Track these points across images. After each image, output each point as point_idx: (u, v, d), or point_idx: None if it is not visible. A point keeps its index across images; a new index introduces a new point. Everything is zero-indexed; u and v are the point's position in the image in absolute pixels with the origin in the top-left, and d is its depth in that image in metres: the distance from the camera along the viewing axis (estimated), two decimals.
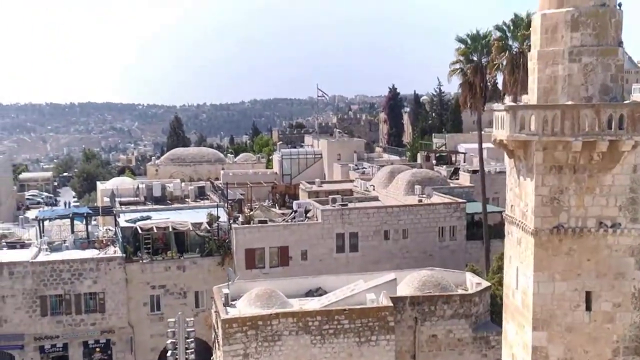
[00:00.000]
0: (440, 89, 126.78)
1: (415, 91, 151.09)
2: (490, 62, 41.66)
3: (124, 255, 43.06)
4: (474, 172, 60.87)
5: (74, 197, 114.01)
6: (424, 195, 49.53)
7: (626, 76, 37.92)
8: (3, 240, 45.58)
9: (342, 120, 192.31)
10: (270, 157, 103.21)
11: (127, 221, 46.50)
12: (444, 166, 66.70)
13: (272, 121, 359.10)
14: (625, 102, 17.72)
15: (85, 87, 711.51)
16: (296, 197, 71.70)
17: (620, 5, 18.45)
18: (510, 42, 39.07)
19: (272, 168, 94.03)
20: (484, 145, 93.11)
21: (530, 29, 19.64)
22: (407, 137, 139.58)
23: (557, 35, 18.27)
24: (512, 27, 38.71)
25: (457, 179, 60.55)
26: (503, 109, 18.68)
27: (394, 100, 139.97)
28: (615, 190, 17.61)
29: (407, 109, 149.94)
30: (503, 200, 56.96)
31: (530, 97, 19.19)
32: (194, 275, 44.26)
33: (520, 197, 19.07)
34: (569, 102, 17.58)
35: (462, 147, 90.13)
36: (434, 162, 69.14)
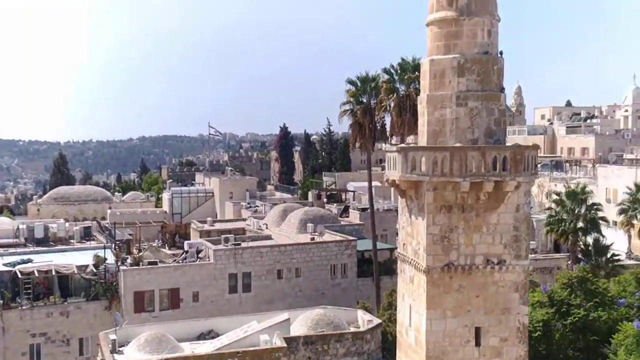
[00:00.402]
0: (329, 128, 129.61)
1: (305, 130, 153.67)
2: (379, 103, 42.95)
3: (1, 301, 40.32)
4: (364, 209, 62.11)
5: None
6: (316, 233, 49.89)
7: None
8: None
9: (234, 158, 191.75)
10: (160, 196, 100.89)
11: (5, 265, 43.72)
12: (335, 204, 67.61)
13: (162, 158, 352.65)
14: (508, 144, 18.70)
15: None
16: (187, 237, 70.15)
17: (501, 53, 19.59)
18: (397, 85, 40.51)
19: (161, 207, 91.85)
20: (373, 183, 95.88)
21: (420, 73, 20.45)
22: (298, 176, 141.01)
23: (445, 80, 19.11)
24: (399, 71, 40.22)
25: (348, 217, 61.49)
26: (395, 150, 19.22)
27: (285, 139, 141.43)
28: (500, 229, 18.44)
29: (298, 148, 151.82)
30: (392, 237, 58.87)
31: (420, 139, 19.87)
32: (79, 321, 42.06)
33: (412, 236, 19.56)
34: (457, 144, 18.33)
35: (351, 186, 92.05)
36: (325, 200, 69.87)
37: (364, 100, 44.15)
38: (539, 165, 19.90)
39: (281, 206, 60.19)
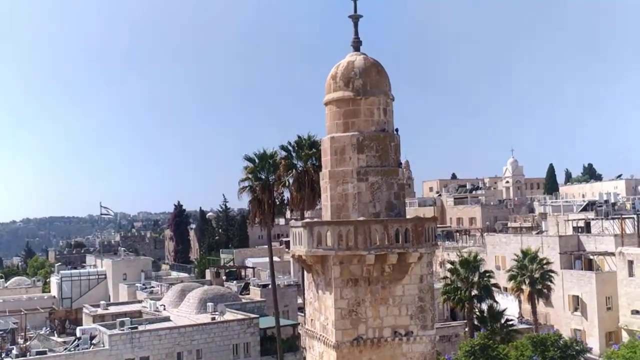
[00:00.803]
0: (225, 205, 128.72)
1: (201, 207, 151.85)
2: (277, 179, 43.40)
3: None
4: (264, 286, 61.56)
5: None
6: (216, 313, 48.83)
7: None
8: None
9: (126, 238, 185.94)
10: (48, 280, 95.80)
11: None
12: (235, 281, 66.67)
13: (48, 241, 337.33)
14: (409, 217, 19.35)
15: None
16: (79, 322, 66.75)
17: (397, 130, 20.51)
18: (295, 161, 41.17)
19: (49, 292, 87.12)
20: (267, 259, 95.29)
21: (317, 149, 20.97)
22: (194, 254, 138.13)
23: (345, 156, 19.69)
24: (296, 148, 40.97)
25: (248, 294, 60.67)
26: (300, 225, 19.40)
27: (180, 217, 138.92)
28: (405, 300, 18.80)
29: (194, 226, 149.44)
30: (293, 312, 58.45)
31: (324, 214, 20.19)
32: None
33: (320, 311, 19.57)
34: (361, 218, 18.77)
35: (249, 262, 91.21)
36: (224, 277, 68.76)
37: (262, 177, 44.45)
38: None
39: (179, 286, 58.67)
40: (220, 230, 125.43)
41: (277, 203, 44.73)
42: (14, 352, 41.37)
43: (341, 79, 20.08)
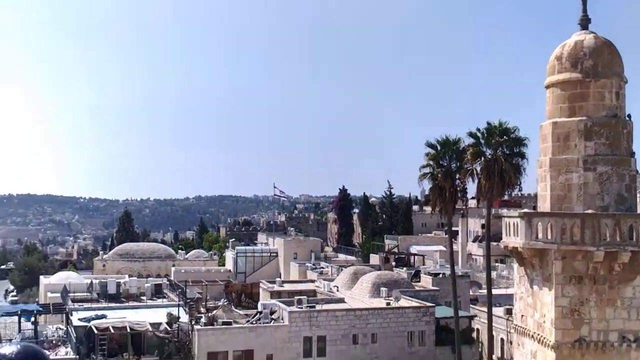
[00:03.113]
0: (390, 191, 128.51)
1: (364, 193, 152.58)
2: (462, 167, 42.08)
3: (77, 357, 40.08)
4: (436, 275, 60.50)
5: (12, 292, 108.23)
6: (390, 298, 48.53)
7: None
8: None
9: (291, 219, 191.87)
10: (223, 255, 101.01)
11: (80, 320, 43.69)
12: (404, 268, 66.07)
13: (217, 218, 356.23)
14: None
15: (26, 179, 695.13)
16: (252, 297, 69.54)
17: (630, 116, 18.70)
18: (484, 149, 39.62)
19: (224, 265, 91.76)
20: (436, 247, 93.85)
21: (540, 136, 19.64)
22: (356, 238, 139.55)
23: (570, 143, 18.27)
24: (485, 135, 39.38)
25: (419, 281, 59.85)
26: (517, 215, 18.31)
27: (344, 201, 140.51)
28: (636, 303, 17.16)
29: (357, 210, 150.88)
30: (465, 304, 56.81)
31: (541, 204, 18.91)
32: None
33: (535, 308, 18.40)
34: (589, 211, 17.33)
35: (414, 249, 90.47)
36: (393, 263, 68.47)
37: (444, 164, 43.33)
38: None
39: (351, 269, 59.12)
40: (384, 215, 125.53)
41: (459, 191, 43.37)
42: (203, 320, 43.67)
43: (567, 59, 18.62)
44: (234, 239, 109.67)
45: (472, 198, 48.44)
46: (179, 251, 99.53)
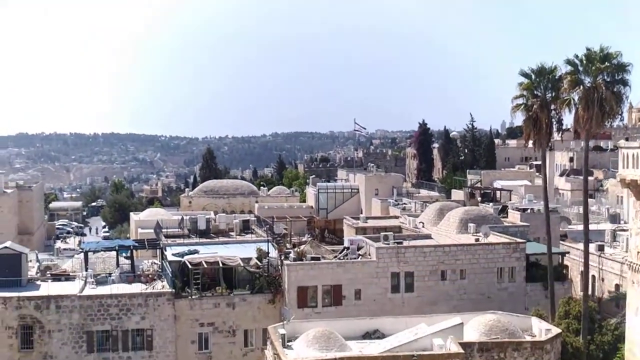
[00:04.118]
0: (472, 124, 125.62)
1: (445, 126, 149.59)
2: (558, 97, 40.13)
3: (173, 290, 41.49)
4: (524, 210, 59.07)
5: (104, 227, 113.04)
6: (478, 234, 47.78)
7: None
8: (48, 272, 44.22)
9: (368, 155, 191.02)
10: (304, 191, 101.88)
11: (174, 255, 45.06)
12: (491, 203, 64.75)
13: (293, 154, 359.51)
14: None
15: (109, 118, 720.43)
16: (335, 232, 70.09)
17: None
18: (582, 77, 37.46)
19: (304, 202, 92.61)
20: (521, 182, 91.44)
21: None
22: (436, 173, 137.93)
23: None
24: (584, 62, 37.14)
25: (506, 217, 58.60)
26: (637, 146, 17.11)
27: (424, 135, 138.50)
28: None
29: (436, 145, 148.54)
30: (555, 240, 55.19)
31: None
32: (244, 313, 42.55)
33: None
34: None
35: (497, 184, 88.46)
36: (479, 199, 67.21)
37: (539, 94, 41.39)
38: None
39: (437, 204, 58.45)
40: (465, 150, 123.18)
41: (555, 123, 41.52)
42: (292, 255, 44.24)
43: None
44: (314, 176, 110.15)
45: (567, 130, 46.39)
46: (261, 188, 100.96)
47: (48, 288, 40.89)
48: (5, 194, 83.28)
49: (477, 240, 46.39)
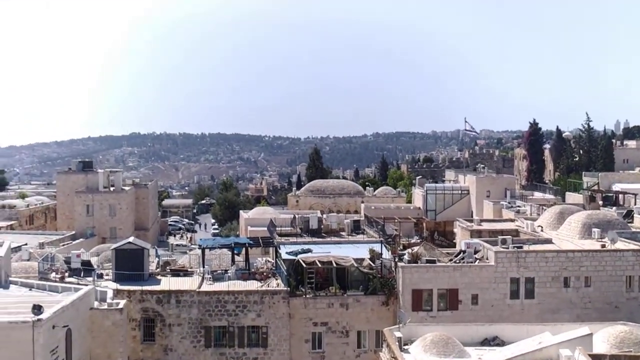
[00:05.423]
0: (588, 124, 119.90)
1: (557, 126, 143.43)
2: None
3: (288, 289, 41.67)
4: None
5: (213, 225, 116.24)
6: (604, 240, 45.18)
7: None
8: (167, 267, 45.55)
9: (474, 155, 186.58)
10: (410, 192, 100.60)
11: (287, 253, 45.28)
12: (613, 208, 61.33)
13: (394, 154, 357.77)
14: None
15: (216, 119, 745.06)
16: (445, 235, 68.57)
17: None
18: None
19: (410, 203, 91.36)
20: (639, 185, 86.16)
21: None
22: (548, 175, 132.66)
23: None
24: None
25: (631, 222, 55.25)
26: None
27: (535, 136, 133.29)
28: None
29: (548, 145, 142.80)
30: None
31: None
32: (357, 314, 42.17)
33: None
34: None
35: (617, 187, 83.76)
36: (600, 202, 63.82)
37: None
38: None
39: (556, 208, 55.84)
40: (580, 151, 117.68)
41: None
42: (406, 257, 43.40)
43: None
44: (420, 177, 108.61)
45: None
46: (367, 188, 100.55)
47: (169, 283, 42.07)
48: (124, 191, 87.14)
49: (602, 246, 43.87)
